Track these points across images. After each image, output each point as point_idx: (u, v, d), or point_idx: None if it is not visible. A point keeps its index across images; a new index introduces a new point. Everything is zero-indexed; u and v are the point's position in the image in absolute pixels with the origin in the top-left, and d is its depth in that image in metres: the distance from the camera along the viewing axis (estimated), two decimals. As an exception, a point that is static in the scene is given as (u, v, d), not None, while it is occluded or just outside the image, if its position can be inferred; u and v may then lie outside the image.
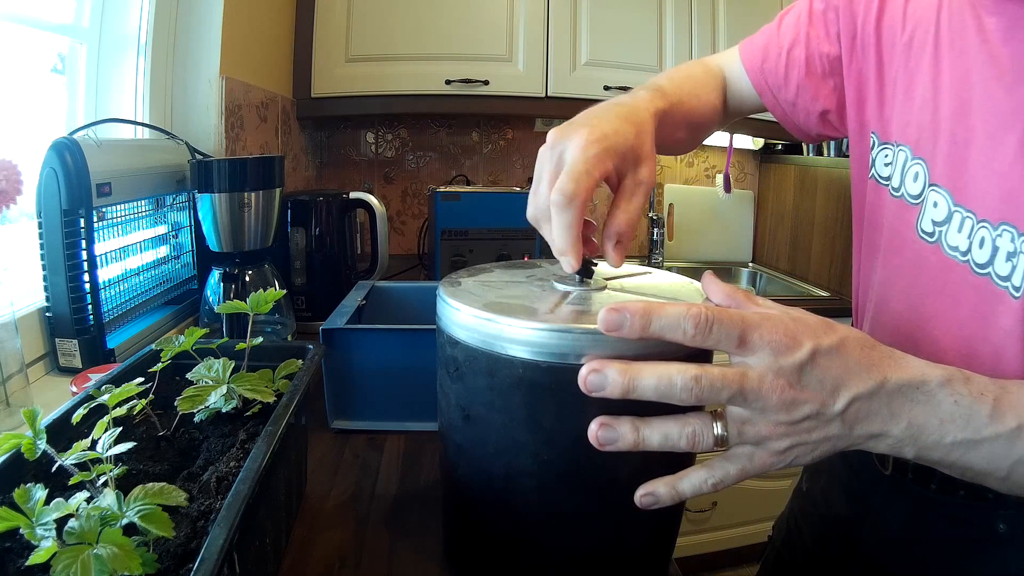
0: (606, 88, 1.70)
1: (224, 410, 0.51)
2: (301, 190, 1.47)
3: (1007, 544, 0.54)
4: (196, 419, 0.50)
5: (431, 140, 2.03)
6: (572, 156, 0.45)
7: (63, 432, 0.45)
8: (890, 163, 0.57)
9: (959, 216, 0.49)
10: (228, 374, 0.51)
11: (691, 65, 0.74)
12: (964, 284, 0.49)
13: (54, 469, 0.40)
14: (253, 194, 0.99)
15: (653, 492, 0.39)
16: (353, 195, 1.25)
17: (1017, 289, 0.45)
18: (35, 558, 0.31)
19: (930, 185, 0.52)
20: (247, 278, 1.01)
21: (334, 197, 1.23)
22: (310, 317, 1.19)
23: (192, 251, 1.13)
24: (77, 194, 0.79)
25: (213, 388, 0.50)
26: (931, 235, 0.52)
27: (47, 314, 0.82)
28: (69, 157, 0.78)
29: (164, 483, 0.36)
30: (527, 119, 2.01)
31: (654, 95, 0.58)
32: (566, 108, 1.73)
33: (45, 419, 0.44)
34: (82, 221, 0.80)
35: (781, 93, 0.69)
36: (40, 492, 0.34)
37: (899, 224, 0.56)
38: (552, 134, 0.48)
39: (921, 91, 0.54)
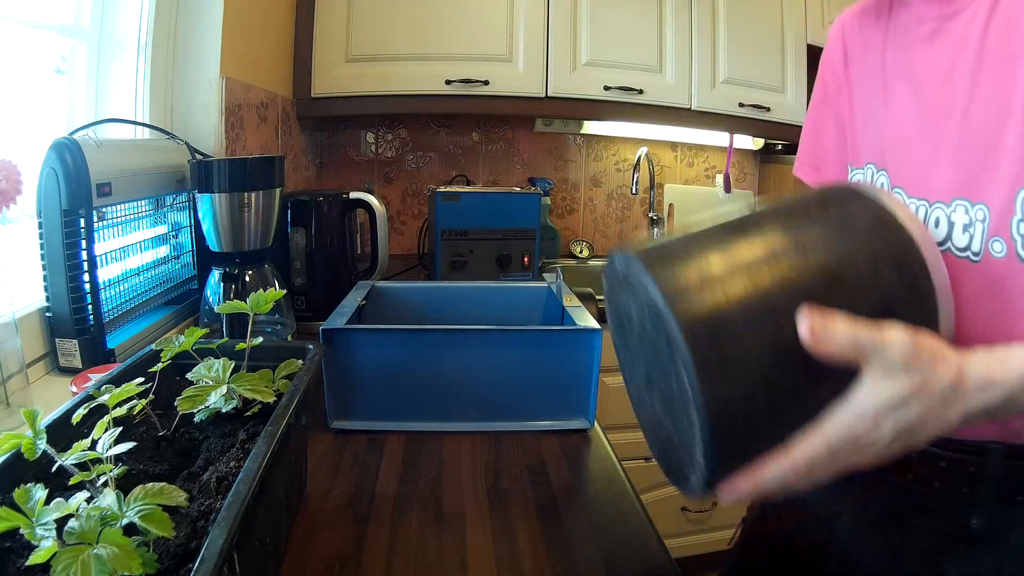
0: (606, 88, 1.70)
1: (224, 410, 0.51)
2: (301, 190, 1.47)
3: (980, 541, 0.56)
4: (196, 419, 0.50)
5: (431, 140, 2.03)
6: None
7: (63, 432, 0.45)
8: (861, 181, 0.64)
9: (913, 206, 0.56)
10: (228, 374, 0.51)
11: None
12: None
13: (54, 469, 0.40)
14: (253, 194, 0.98)
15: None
16: (353, 195, 1.25)
17: (976, 254, 0.50)
18: (35, 558, 0.31)
19: (893, 188, 0.59)
20: (247, 278, 1.01)
21: (334, 197, 1.23)
22: (310, 317, 1.19)
23: (192, 251, 1.13)
24: (77, 194, 0.79)
25: (213, 388, 0.50)
26: None
27: (47, 314, 0.82)
28: (69, 157, 0.78)
29: (164, 483, 0.36)
30: (527, 119, 2.01)
31: None
32: (566, 108, 1.73)
33: (45, 419, 0.44)
34: (82, 221, 0.80)
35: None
36: (40, 492, 0.34)
37: None
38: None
39: (878, 115, 0.62)
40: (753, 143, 2.14)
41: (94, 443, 0.41)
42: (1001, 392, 0.39)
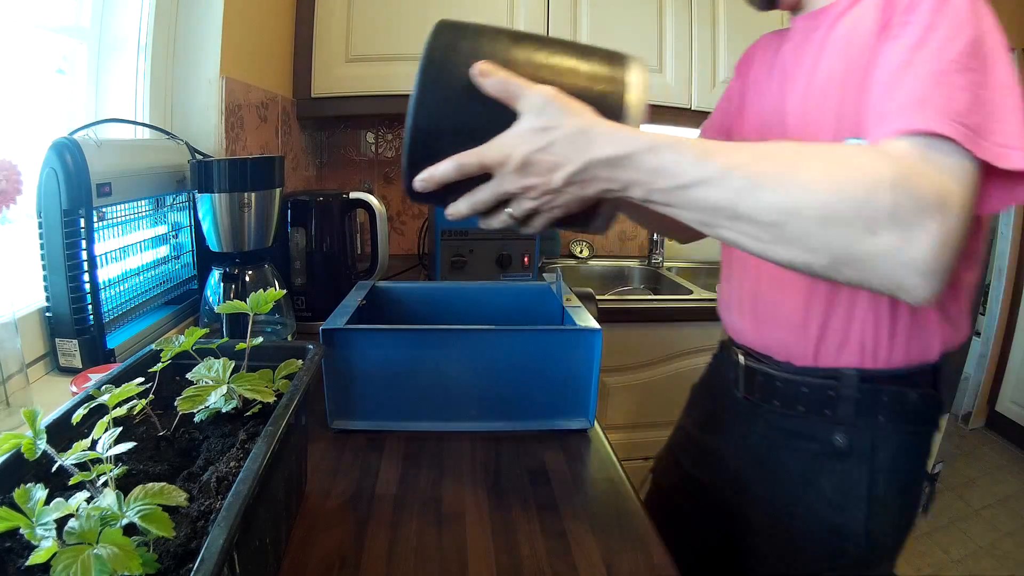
0: (606, 88, 1.70)
1: (224, 410, 0.51)
2: (301, 190, 1.46)
3: (847, 457, 0.66)
4: (196, 419, 0.50)
5: (431, 140, 2.02)
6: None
7: (63, 432, 0.45)
8: None
9: None
10: (228, 374, 0.51)
11: None
12: None
13: (54, 469, 0.40)
14: (253, 194, 0.98)
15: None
16: (353, 195, 1.25)
17: None
18: (35, 558, 0.31)
19: None
20: (247, 278, 1.01)
21: (334, 197, 1.23)
22: (310, 317, 1.19)
23: (192, 251, 1.13)
24: (77, 194, 0.79)
25: (213, 388, 0.50)
26: None
27: (47, 314, 0.82)
28: (69, 157, 0.78)
29: (164, 483, 0.36)
30: (527, 119, 2.01)
31: None
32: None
33: (45, 419, 0.44)
34: (82, 221, 0.80)
35: None
36: (40, 492, 0.34)
37: None
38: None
39: (759, 103, 0.76)
40: (753, 143, 2.13)
41: (94, 443, 0.41)
42: (626, 146, 0.48)
